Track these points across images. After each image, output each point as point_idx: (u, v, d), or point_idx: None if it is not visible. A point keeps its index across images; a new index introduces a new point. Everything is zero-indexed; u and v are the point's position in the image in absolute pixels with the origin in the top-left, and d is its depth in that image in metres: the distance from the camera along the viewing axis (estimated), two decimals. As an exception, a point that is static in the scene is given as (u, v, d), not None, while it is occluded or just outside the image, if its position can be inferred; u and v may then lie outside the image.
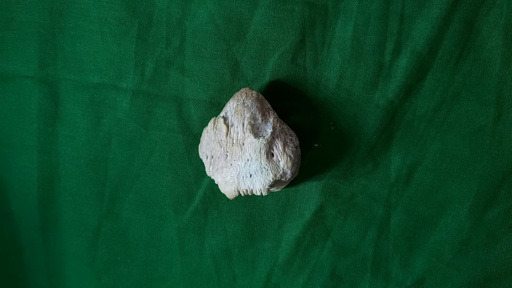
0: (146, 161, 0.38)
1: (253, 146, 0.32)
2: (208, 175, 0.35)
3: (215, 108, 0.37)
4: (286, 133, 0.34)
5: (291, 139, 0.34)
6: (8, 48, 0.37)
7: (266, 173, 0.33)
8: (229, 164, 0.33)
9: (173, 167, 0.38)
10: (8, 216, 0.40)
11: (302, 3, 0.35)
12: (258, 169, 0.33)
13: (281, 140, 0.33)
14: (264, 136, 0.33)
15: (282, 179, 0.33)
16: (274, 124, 0.33)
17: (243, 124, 0.33)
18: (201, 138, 0.35)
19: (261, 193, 0.33)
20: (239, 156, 0.33)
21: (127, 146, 0.38)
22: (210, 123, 0.34)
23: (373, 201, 0.37)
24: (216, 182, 0.34)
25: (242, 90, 0.34)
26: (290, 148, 0.33)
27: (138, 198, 0.39)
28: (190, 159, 0.38)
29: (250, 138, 0.32)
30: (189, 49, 0.36)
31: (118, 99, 0.37)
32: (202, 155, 0.35)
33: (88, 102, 0.37)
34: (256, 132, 0.33)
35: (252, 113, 0.33)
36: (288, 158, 0.33)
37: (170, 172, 0.38)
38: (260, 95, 0.34)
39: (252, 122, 0.33)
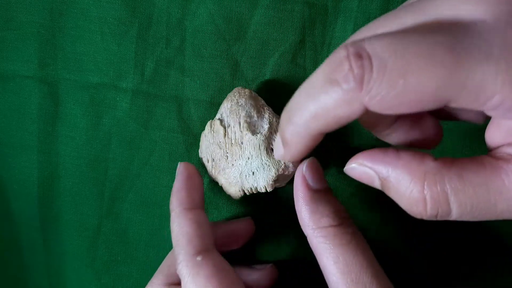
0: (146, 161, 0.38)
1: (252, 143, 0.32)
2: (212, 178, 0.35)
3: (215, 108, 0.37)
4: None
5: None
6: (8, 48, 0.37)
7: (268, 169, 0.33)
8: (231, 165, 0.33)
9: (173, 167, 0.38)
10: (8, 216, 0.40)
11: (302, 3, 0.35)
12: (259, 166, 0.33)
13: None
14: (262, 132, 0.33)
15: (285, 173, 0.33)
16: (270, 119, 0.33)
17: (240, 123, 0.33)
18: (200, 143, 0.35)
19: (266, 190, 0.33)
20: (239, 156, 0.33)
21: (127, 146, 0.38)
22: (207, 127, 0.34)
23: (373, 201, 0.37)
24: (220, 185, 0.34)
25: (234, 90, 0.34)
26: None
27: (138, 198, 0.39)
28: (190, 159, 0.38)
29: (248, 135, 0.32)
30: (189, 49, 0.36)
31: (118, 99, 0.37)
32: (204, 160, 0.35)
33: (88, 102, 0.37)
34: (253, 129, 0.33)
35: (246, 111, 0.33)
36: None
37: (170, 172, 0.38)
38: (253, 93, 0.34)
39: (248, 120, 0.33)
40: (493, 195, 0.21)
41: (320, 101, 0.21)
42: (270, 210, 0.38)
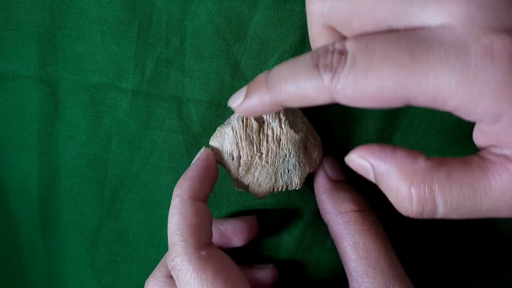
0: (146, 161, 0.38)
1: (292, 140, 0.32)
2: (235, 177, 0.33)
3: (215, 108, 0.37)
4: (311, 126, 0.34)
5: (315, 131, 0.34)
6: (8, 48, 0.37)
7: (303, 166, 0.33)
8: (265, 162, 0.33)
9: (173, 167, 0.38)
10: (8, 216, 0.40)
11: (302, 3, 0.35)
12: (296, 163, 0.33)
13: (310, 133, 0.34)
14: (301, 130, 0.33)
15: (314, 170, 0.34)
16: (302, 118, 0.33)
17: (280, 120, 0.32)
18: (217, 139, 0.33)
19: (297, 187, 0.34)
20: (277, 153, 0.33)
21: (127, 146, 0.38)
22: (238, 122, 0.33)
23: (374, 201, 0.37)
24: (246, 184, 0.33)
25: None
26: (318, 139, 0.34)
27: (138, 198, 0.39)
28: (190, 159, 0.38)
29: (290, 133, 0.32)
30: (189, 49, 0.36)
31: (118, 99, 0.37)
32: (226, 156, 0.33)
33: (88, 102, 0.37)
34: (294, 127, 0.33)
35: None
36: (319, 150, 0.34)
37: (170, 172, 0.38)
38: None
39: (290, 117, 0.33)
40: (479, 194, 0.22)
41: (300, 80, 0.24)
42: (270, 210, 0.38)
